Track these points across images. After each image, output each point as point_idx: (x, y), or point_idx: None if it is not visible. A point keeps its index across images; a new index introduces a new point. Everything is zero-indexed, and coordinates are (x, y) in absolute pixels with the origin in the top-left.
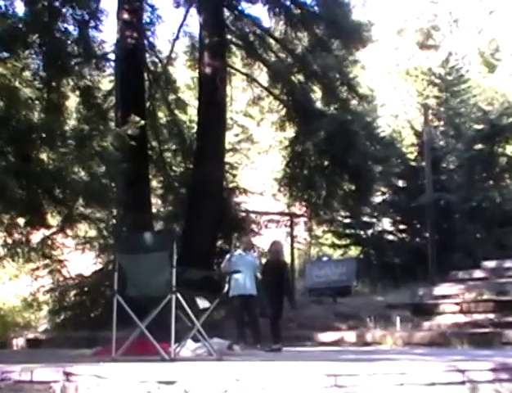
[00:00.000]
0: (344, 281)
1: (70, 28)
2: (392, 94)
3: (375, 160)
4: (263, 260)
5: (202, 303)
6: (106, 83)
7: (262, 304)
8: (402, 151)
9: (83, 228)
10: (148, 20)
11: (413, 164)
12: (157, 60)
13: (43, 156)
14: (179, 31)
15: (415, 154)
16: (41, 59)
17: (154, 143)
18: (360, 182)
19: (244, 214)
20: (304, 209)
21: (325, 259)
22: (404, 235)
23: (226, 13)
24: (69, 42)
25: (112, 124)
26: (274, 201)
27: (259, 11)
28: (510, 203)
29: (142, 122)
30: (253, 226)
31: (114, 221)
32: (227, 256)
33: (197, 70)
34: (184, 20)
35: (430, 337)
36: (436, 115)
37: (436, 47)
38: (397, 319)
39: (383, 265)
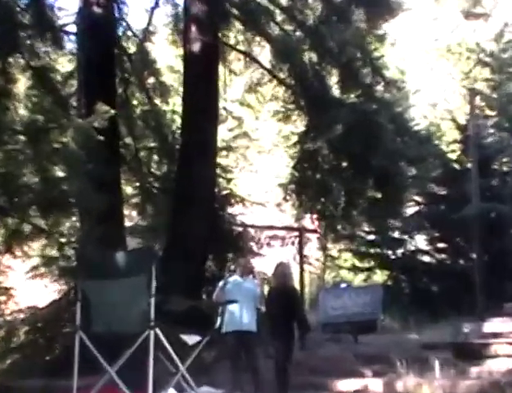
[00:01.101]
0: (368, 313)
1: None
2: (430, 77)
3: (407, 160)
4: (266, 288)
5: (189, 339)
6: (66, 63)
7: (266, 344)
8: (442, 150)
9: (37, 247)
10: None
11: (455, 166)
12: (131, 34)
13: None
14: None
15: (459, 153)
16: None
17: (127, 139)
18: (387, 188)
19: (241, 228)
20: (317, 222)
21: (343, 285)
22: (444, 256)
23: None
24: (17, 9)
25: (74, 115)
26: (279, 213)
27: None
28: None
29: (112, 112)
30: (253, 244)
31: (77, 237)
32: (220, 283)
33: (182, 48)
34: None
35: (479, 388)
36: (486, 103)
37: (486, 16)
38: (436, 363)
39: (417, 294)
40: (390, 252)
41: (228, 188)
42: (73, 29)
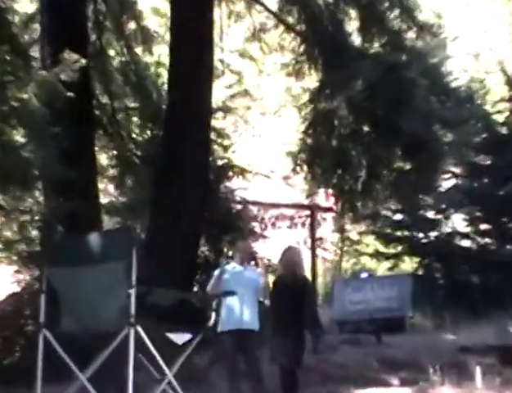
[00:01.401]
0: (394, 309)
1: None
2: (472, 22)
3: (443, 123)
4: (271, 278)
5: (178, 338)
6: (26, 4)
7: (270, 345)
8: (486, 111)
9: None
10: None
11: (502, 130)
12: None
13: None
14: None
15: (507, 114)
16: None
17: (102, 98)
18: (419, 157)
19: (240, 206)
20: (333, 199)
21: (364, 275)
22: (487, 240)
23: None
24: None
25: (36, 67)
26: (287, 188)
27: None
28: None
29: (83, 62)
30: (255, 225)
31: (41, 216)
32: (216, 272)
33: None
34: None
35: None
36: None
37: None
38: (477, 370)
39: (453, 286)
40: (421, 235)
41: (225, 157)
42: None
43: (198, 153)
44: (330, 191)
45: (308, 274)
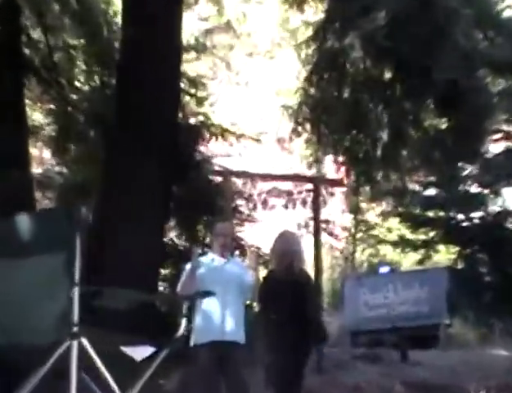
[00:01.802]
0: (425, 316)
1: None
2: None
3: (491, 67)
4: (262, 274)
5: (137, 352)
6: None
7: (260, 363)
8: None
9: None
10: None
11: None
12: None
13: None
14: None
15: None
16: None
17: (35, 33)
18: (458, 113)
19: (221, 178)
20: (343, 169)
21: (384, 270)
22: None
23: None
24: None
25: None
26: (282, 154)
27: None
28: None
29: None
30: (241, 203)
31: None
32: (188, 265)
33: None
34: None
35: None
36: None
37: None
38: None
39: (504, 284)
40: (461, 216)
41: (200, 114)
42: None
43: (163, 108)
44: (340, 158)
45: (310, 268)
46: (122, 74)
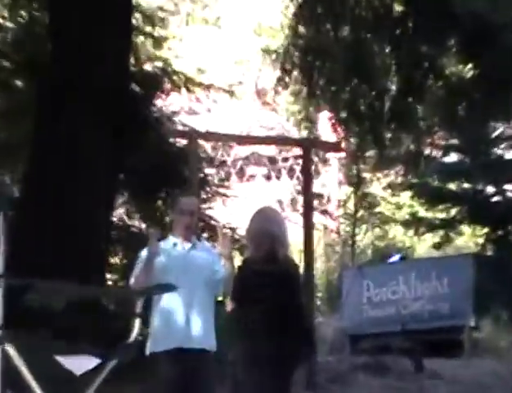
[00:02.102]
0: (445, 316)
1: None
2: None
3: None
4: (237, 263)
5: (75, 364)
6: None
7: (235, 377)
8: None
9: None
10: None
11: None
12: None
13: None
14: None
15: None
16: None
17: None
18: (487, 57)
19: (184, 141)
20: (341, 130)
21: (394, 259)
22: None
23: None
24: None
25: None
26: (264, 112)
27: None
28: None
29: None
30: (211, 173)
31: None
32: (144, 252)
33: None
34: None
35: None
36: None
37: None
38: None
39: None
40: (491, 189)
41: (159, 59)
42: None
43: (110, 50)
44: (338, 115)
45: (298, 256)
46: (55, 8)
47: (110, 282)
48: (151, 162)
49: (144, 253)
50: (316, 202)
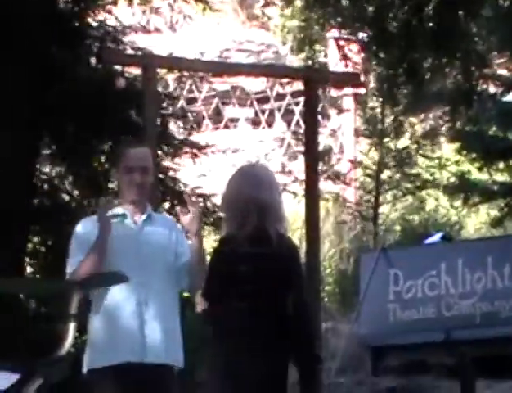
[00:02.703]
0: (507, 321)
1: None
2: None
3: None
4: (211, 245)
5: None
6: None
7: None
8: None
9: None
10: None
11: None
12: None
13: None
14: None
15: None
16: None
17: None
18: None
19: (137, 70)
20: (360, 57)
21: (433, 238)
22: None
23: None
24: None
25: None
26: (248, 28)
27: None
28: None
29: None
30: (173, 117)
31: None
32: (78, 227)
33: None
34: None
35: None
36: None
37: None
38: None
39: None
40: None
41: None
42: None
43: None
44: (356, 35)
45: (298, 235)
46: None
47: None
48: (87, 101)
49: (80, 228)
50: (322, 161)
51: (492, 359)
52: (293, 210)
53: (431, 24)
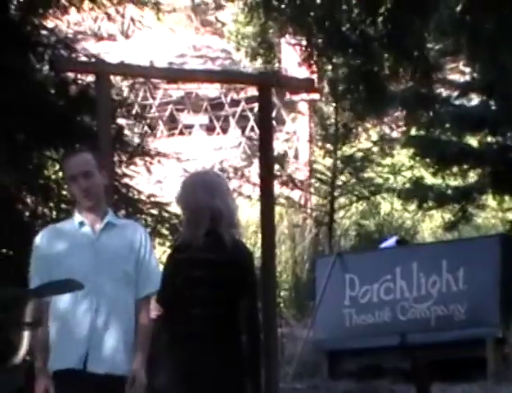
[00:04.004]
0: (462, 324)
1: None
2: None
3: None
4: (166, 250)
5: None
6: None
7: None
8: None
9: None
10: None
11: None
12: None
13: None
14: None
15: None
16: None
17: None
18: None
19: (91, 78)
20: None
21: (388, 242)
22: None
23: None
24: None
25: None
26: (201, 34)
27: None
28: None
29: None
30: (127, 123)
31: None
32: (36, 240)
33: None
34: None
35: None
36: None
37: None
38: None
39: None
40: None
41: None
42: None
43: None
44: (310, 40)
45: (252, 240)
46: None
47: None
48: (39, 108)
49: (38, 242)
50: (277, 166)
51: (447, 362)
52: (247, 216)
53: (385, 26)
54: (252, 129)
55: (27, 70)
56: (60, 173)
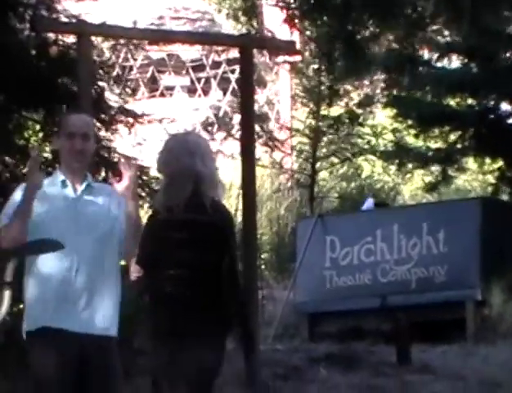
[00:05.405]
0: (442, 286)
1: None
2: None
3: None
4: (146, 213)
5: None
6: None
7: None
8: None
9: None
10: None
11: None
12: None
13: None
14: None
15: None
16: None
17: None
18: None
19: (71, 38)
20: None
21: (368, 203)
22: None
23: None
24: None
25: None
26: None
27: None
28: None
29: None
30: (108, 86)
31: None
32: (16, 195)
33: None
34: None
35: None
36: None
37: None
38: None
39: None
40: (507, 107)
41: None
42: None
43: None
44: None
45: (233, 203)
46: None
47: None
48: (20, 70)
49: (18, 195)
50: (258, 128)
51: (427, 324)
52: (229, 179)
53: None
54: (233, 91)
55: (7, 30)
56: (40, 134)
